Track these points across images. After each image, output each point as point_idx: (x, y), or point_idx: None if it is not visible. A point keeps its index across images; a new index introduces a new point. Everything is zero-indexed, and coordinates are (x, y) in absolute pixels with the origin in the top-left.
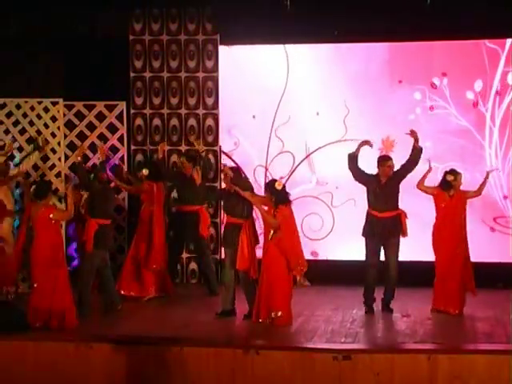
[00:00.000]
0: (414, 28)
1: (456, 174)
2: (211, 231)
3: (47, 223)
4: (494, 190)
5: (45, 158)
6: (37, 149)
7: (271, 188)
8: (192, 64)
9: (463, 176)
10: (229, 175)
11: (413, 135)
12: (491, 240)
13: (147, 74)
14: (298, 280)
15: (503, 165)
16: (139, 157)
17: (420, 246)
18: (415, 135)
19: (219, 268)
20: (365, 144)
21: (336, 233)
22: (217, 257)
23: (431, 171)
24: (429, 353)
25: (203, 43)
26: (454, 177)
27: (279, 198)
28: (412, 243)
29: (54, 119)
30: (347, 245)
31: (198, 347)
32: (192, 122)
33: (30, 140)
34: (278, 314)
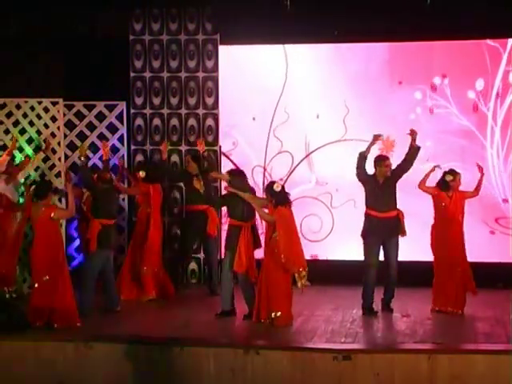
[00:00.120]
0: (414, 28)
1: (455, 175)
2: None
3: (47, 223)
4: (496, 191)
5: (45, 158)
6: (39, 150)
7: (270, 190)
8: (192, 64)
9: (464, 176)
10: (224, 179)
11: (412, 134)
12: (492, 240)
13: (147, 74)
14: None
15: (505, 165)
16: (139, 157)
17: (420, 246)
18: (414, 134)
19: (219, 268)
20: (376, 141)
21: (336, 234)
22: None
23: (433, 171)
24: (429, 353)
25: (203, 43)
26: (453, 177)
27: (279, 200)
28: (412, 243)
29: (54, 119)
30: (347, 245)
31: (198, 347)
32: (192, 122)
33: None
34: (278, 315)
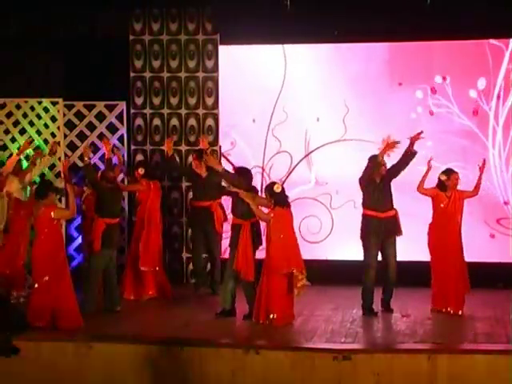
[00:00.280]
0: (414, 28)
1: (449, 174)
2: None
3: (48, 222)
4: (498, 192)
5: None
6: (38, 151)
7: (270, 190)
8: (192, 64)
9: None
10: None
11: (414, 138)
12: (492, 240)
13: (147, 74)
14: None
15: (507, 166)
16: (139, 157)
17: (419, 246)
18: (415, 138)
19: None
20: (389, 148)
21: (335, 235)
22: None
23: (430, 170)
24: (429, 353)
25: (203, 43)
26: (447, 176)
27: (278, 200)
28: (412, 243)
29: (54, 119)
30: (347, 246)
31: (198, 347)
32: (192, 122)
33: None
34: (274, 316)
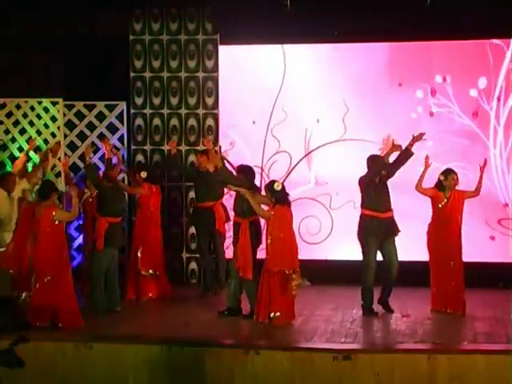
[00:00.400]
0: (414, 28)
1: (447, 174)
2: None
3: (49, 223)
4: (499, 192)
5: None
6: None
7: (270, 188)
8: (192, 64)
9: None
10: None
11: (417, 138)
12: (492, 241)
13: (147, 74)
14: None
15: (508, 166)
16: (139, 157)
17: (419, 246)
18: (418, 138)
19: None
20: (397, 148)
21: (335, 236)
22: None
23: (428, 167)
24: (429, 353)
25: (203, 43)
26: (445, 176)
27: (278, 199)
28: (411, 243)
29: (54, 119)
30: (346, 247)
31: (198, 347)
32: (192, 122)
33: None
34: (277, 315)
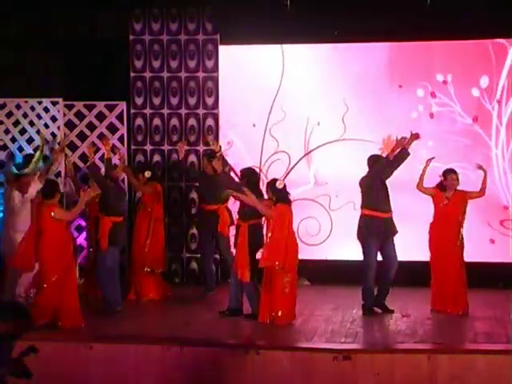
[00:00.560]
0: (414, 28)
1: (447, 174)
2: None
3: (51, 222)
4: (501, 193)
5: (45, 158)
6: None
7: (272, 187)
8: (192, 64)
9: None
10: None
11: (412, 137)
12: (492, 241)
13: (147, 74)
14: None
15: (510, 166)
16: (139, 157)
17: (420, 246)
18: (415, 137)
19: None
20: (400, 145)
21: (334, 237)
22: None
23: (428, 166)
24: (429, 353)
25: (203, 43)
26: (445, 177)
27: (279, 197)
28: (412, 243)
29: (54, 119)
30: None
31: (199, 347)
32: (192, 122)
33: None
34: (279, 314)
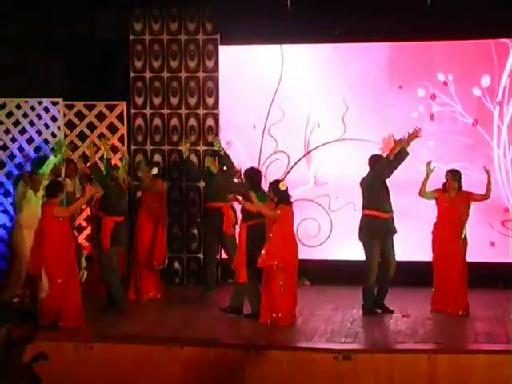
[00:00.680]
0: (414, 28)
1: (446, 175)
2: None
3: (52, 221)
4: (502, 193)
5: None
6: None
7: (274, 188)
8: (192, 64)
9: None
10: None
11: (411, 137)
12: (492, 242)
13: (147, 74)
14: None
15: None
16: (139, 157)
17: (420, 246)
18: (413, 135)
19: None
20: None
21: (334, 238)
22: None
23: (430, 173)
24: (429, 353)
25: (203, 43)
26: (445, 178)
27: (281, 198)
28: (412, 243)
29: (54, 119)
30: (346, 249)
31: (198, 347)
32: (192, 122)
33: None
34: (279, 315)
